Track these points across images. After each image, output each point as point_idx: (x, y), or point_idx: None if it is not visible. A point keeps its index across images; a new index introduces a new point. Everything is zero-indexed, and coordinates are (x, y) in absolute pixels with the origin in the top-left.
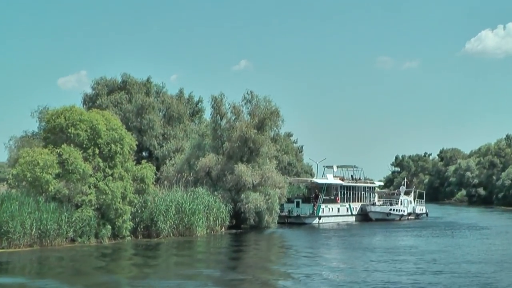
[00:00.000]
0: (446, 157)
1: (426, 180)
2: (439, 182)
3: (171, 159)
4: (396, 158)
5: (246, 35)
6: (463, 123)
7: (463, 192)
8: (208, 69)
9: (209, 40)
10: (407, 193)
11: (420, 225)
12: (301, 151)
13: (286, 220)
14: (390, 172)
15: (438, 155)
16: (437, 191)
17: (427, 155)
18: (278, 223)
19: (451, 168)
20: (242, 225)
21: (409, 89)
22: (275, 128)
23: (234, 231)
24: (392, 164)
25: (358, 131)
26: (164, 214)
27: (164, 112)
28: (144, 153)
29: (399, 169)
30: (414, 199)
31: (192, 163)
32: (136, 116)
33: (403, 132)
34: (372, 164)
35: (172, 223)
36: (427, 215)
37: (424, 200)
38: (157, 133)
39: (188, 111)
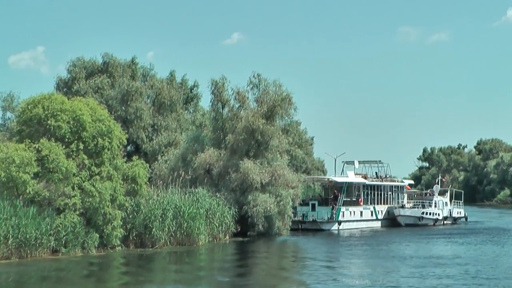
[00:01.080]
0: (485, 149)
1: (461, 177)
2: (476, 180)
3: (163, 154)
4: (424, 151)
5: (239, 2)
6: (505, 108)
7: (507, 191)
8: (194, 45)
9: (194, 11)
10: (442, 193)
11: (459, 231)
12: (311, 144)
13: (300, 226)
14: (417, 168)
15: (475, 147)
16: (474, 191)
17: (461, 147)
18: (291, 229)
19: (491, 162)
20: (248, 232)
21: (437, 66)
22: (286, 118)
23: (240, 239)
24: (419, 159)
25: (378, 119)
26: (161, 220)
27: (153, 99)
28: (130, 147)
29: (427, 164)
30: (450, 201)
31: (189, 159)
32: (121, 103)
33: (432, 119)
34: (395, 159)
35: (170, 230)
36: (466, 219)
37: (462, 201)
38: (145, 123)
39: (181, 98)
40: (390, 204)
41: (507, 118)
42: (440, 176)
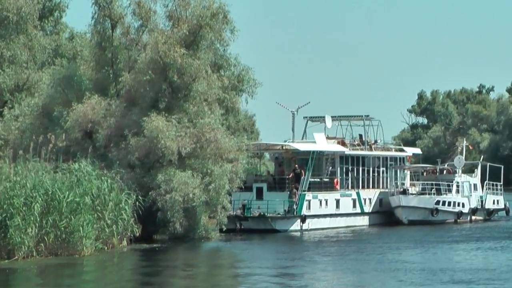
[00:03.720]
0: None
1: (485, 142)
2: (511, 147)
3: (11, 107)
4: (420, 98)
5: None
6: None
7: None
8: None
9: None
10: (468, 170)
11: (499, 234)
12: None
13: (238, 225)
14: (407, 127)
15: (509, 90)
16: (508, 166)
17: (485, 91)
18: (224, 230)
19: None
20: (155, 236)
21: None
22: (219, 45)
23: (145, 246)
24: (411, 111)
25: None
26: (23, 215)
27: None
28: None
29: (426, 121)
30: (482, 182)
31: (57, 114)
32: None
33: (432, 51)
34: (378, 113)
35: (38, 232)
36: (507, 212)
37: (501, 183)
38: None
39: (36, 10)
40: (383, 187)
41: None
42: (464, 141)
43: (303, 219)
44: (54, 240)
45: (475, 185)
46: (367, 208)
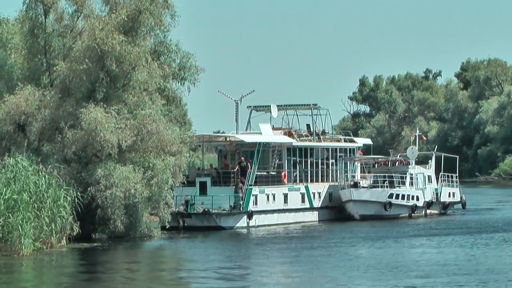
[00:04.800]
0: (477, 79)
1: (432, 131)
2: (461, 136)
3: None
4: (362, 84)
5: None
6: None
7: None
8: None
9: None
10: (421, 161)
11: (458, 229)
12: (196, 79)
13: (181, 222)
14: (348, 115)
15: (457, 75)
16: (460, 155)
17: (432, 76)
18: (167, 228)
19: (489, 103)
20: (94, 235)
21: None
22: (158, 31)
23: (85, 245)
24: (352, 98)
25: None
26: None
27: None
28: None
29: (368, 109)
30: (436, 174)
31: None
32: None
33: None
34: (320, 100)
35: None
36: (463, 206)
37: (456, 174)
38: None
39: None
40: (333, 181)
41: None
42: (417, 131)
43: (250, 215)
44: None
45: (429, 177)
46: (317, 203)
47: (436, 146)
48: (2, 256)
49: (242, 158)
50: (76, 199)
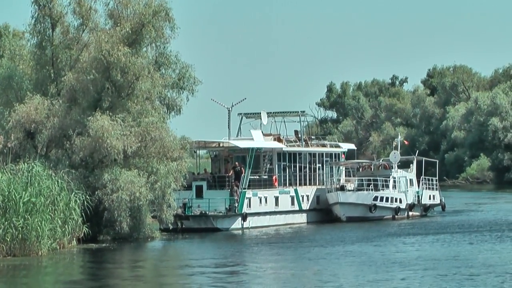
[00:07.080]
0: (444, 85)
1: (400, 138)
2: (428, 141)
3: None
4: (330, 90)
5: None
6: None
7: (484, 161)
8: None
9: None
10: (403, 165)
11: (440, 229)
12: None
13: (179, 224)
14: (315, 120)
15: (424, 81)
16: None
17: (398, 82)
18: (166, 230)
19: (456, 110)
20: (100, 236)
21: None
22: (160, 44)
23: (93, 246)
24: (319, 104)
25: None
26: None
27: None
28: None
29: (335, 114)
30: (418, 178)
31: None
32: None
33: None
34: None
35: None
36: (443, 208)
37: (436, 178)
38: None
39: None
40: (320, 184)
41: (476, 34)
42: (400, 136)
43: (244, 217)
44: (11, 241)
45: (411, 180)
46: (305, 205)
47: (417, 151)
48: (19, 258)
49: (237, 163)
50: (85, 202)
